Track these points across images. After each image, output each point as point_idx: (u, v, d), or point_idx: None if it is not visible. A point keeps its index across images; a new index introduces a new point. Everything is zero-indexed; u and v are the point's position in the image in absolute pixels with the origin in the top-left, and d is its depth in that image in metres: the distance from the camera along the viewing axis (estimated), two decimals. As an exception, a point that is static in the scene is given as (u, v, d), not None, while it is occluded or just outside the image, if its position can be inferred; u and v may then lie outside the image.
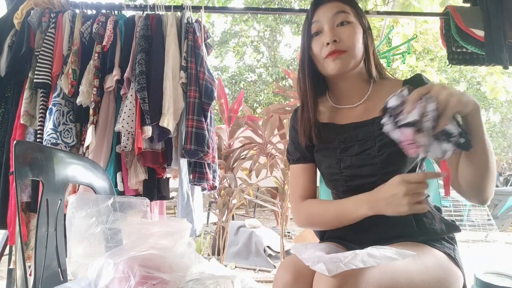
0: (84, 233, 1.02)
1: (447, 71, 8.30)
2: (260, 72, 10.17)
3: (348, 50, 0.87)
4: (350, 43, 0.87)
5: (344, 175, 0.90)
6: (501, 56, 2.11)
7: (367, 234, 0.91)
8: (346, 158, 0.90)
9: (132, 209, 1.13)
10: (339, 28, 0.88)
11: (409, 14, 2.84)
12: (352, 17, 0.89)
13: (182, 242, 1.03)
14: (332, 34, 0.87)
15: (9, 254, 1.78)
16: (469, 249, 3.94)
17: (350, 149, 0.90)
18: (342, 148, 0.91)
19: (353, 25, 0.88)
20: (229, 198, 2.76)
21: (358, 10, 0.93)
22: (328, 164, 0.93)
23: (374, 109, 0.90)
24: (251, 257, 3.18)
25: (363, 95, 0.94)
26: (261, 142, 2.74)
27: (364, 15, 0.95)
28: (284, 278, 0.77)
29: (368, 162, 0.87)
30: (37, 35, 1.76)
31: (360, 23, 0.91)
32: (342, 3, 0.90)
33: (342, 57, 0.87)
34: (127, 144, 1.65)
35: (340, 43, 0.86)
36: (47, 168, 1.06)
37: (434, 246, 0.84)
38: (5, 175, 1.66)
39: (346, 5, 0.90)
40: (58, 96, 1.68)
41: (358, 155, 0.89)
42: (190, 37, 1.78)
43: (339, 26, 0.88)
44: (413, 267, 0.76)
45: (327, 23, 0.88)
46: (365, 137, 0.89)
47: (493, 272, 1.45)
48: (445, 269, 0.81)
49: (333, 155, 0.92)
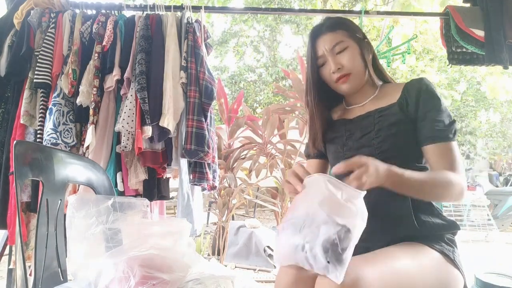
0: (84, 233, 1.02)
1: (447, 71, 8.29)
2: (260, 72, 10.15)
3: (352, 72, 1.01)
4: (351, 66, 1.00)
5: (346, 157, 0.99)
6: (501, 56, 2.11)
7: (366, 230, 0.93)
8: (349, 142, 1.03)
9: (132, 209, 1.13)
10: (339, 56, 1.01)
11: (409, 14, 2.84)
12: (347, 41, 1.01)
13: (182, 242, 1.03)
14: (335, 64, 1.01)
15: (9, 254, 1.77)
16: (469, 249, 3.94)
17: (354, 135, 1.03)
18: (347, 136, 1.04)
19: (349, 49, 1.01)
20: (229, 198, 2.76)
21: (350, 28, 1.03)
22: (334, 149, 1.08)
23: (379, 103, 1.02)
24: (251, 257, 3.17)
25: (371, 96, 1.06)
26: (261, 142, 2.75)
27: (356, 28, 1.05)
28: (285, 279, 0.78)
29: (367, 144, 0.99)
30: (37, 35, 1.76)
31: (355, 40, 1.02)
32: (335, 33, 1.01)
33: (349, 79, 1.01)
34: (127, 144, 1.65)
35: (343, 69, 1.01)
36: (47, 168, 1.05)
37: (433, 247, 0.85)
38: (5, 175, 1.66)
39: (339, 31, 1.02)
40: (58, 96, 1.67)
41: (359, 139, 1.01)
42: (190, 37, 1.78)
43: (338, 54, 1.01)
44: (414, 269, 0.78)
45: (329, 55, 1.02)
46: (366, 124, 1.01)
47: (493, 272, 1.45)
48: (444, 271, 0.83)
49: (340, 142, 1.06)
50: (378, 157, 0.91)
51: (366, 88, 1.06)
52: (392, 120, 0.96)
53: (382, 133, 0.96)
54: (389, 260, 0.77)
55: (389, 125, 0.95)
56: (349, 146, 1.02)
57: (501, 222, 4.71)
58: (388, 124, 0.96)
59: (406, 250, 0.82)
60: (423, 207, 0.93)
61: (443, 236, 0.91)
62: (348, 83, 1.01)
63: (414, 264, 0.79)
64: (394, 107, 0.98)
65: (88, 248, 1.00)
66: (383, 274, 0.72)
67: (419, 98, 0.95)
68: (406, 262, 0.78)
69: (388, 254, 0.80)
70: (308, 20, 8.74)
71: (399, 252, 0.81)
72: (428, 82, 0.98)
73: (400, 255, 0.80)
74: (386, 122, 0.96)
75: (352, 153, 0.99)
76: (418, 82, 0.98)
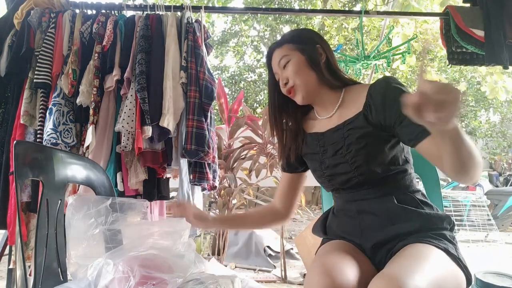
0: (84, 234, 1.02)
1: (447, 71, 8.30)
2: (260, 72, 10.15)
3: (296, 83, 1.00)
4: (294, 78, 1.00)
5: (327, 175, 1.02)
6: (501, 56, 2.11)
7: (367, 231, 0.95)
8: (325, 160, 1.02)
9: (132, 210, 1.13)
10: (285, 70, 1.02)
11: (409, 14, 2.84)
12: (291, 54, 1.01)
13: (181, 242, 1.04)
14: (281, 78, 1.03)
15: (9, 254, 1.77)
16: (469, 249, 3.94)
17: (327, 151, 1.01)
18: (322, 152, 1.03)
19: (292, 61, 1.01)
20: (229, 198, 2.76)
21: (296, 40, 1.03)
22: (314, 168, 1.07)
23: (346, 113, 0.99)
24: (251, 257, 3.17)
25: (336, 104, 1.03)
26: (261, 142, 2.74)
27: (305, 38, 1.04)
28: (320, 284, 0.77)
29: (341, 161, 0.97)
30: (37, 35, 1.76)
31: (300, 51, 1.01)
32: (280, 49, 1.03)
33: (296, 91, 1.02)
34: (127, 144, 1.65)
35: (289, 82, 1.01)
36: (47, 168, 1.06)
37: (439, 246, 0.85)
38: (5, 175, 1.66)
39: (284, 46, 1.03)
40: (58, 96, 1.67)
41: (333, 156, 0.99)
42: (190, 37, 1.78)
43: (284, 68, 1.02)
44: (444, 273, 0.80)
45: (278, 71, 1.04)
46: (337, 139, 0.99)
47: (493, 272, 1.46)
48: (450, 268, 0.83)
49: (317, 159, 1.04)
50: (355, 172, 0.94)
51: (327, 95, 1.03)
52: (360, 132, 0.93)
53: (353, 148, 0.94)
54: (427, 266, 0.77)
55: (358, 138, 0.93)
56: (326, 164, 1.01)
57: (501, 222, 4.71)
58: (357, 137, 0.93)
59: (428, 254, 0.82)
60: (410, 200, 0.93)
61: (445, 234, 0.91)
62: (297, 95, 1.02)
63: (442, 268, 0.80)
64: (360, 118, 0.95)
65: (88, 249, 1.01)
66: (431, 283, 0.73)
67: (384, 103, 0.90)
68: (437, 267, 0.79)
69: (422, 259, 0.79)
70: (308, 20, 8.73)
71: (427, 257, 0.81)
72: (392, 79, 0.93)
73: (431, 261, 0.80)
74: (355, 135, 0.94)
75: (330, 171, 1.00)
76: (380, 84, 0.94)
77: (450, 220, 0.94)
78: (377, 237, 0.92)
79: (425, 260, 0.79)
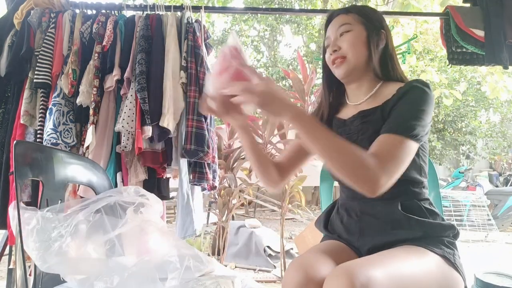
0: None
1: (447, 71, 8.29)
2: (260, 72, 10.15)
3: (347, 55, 0.96)
4: (347, 49, 0.95)
5: None
6: (501, 56, 2.11)
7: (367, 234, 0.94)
8: None
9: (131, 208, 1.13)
10: (340, 38, 0.97)
11: (409, 14, 2.84)
12: (354, 25, 0.97)
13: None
14: (333, 44, 0.98)
15: (9, 254, 1.78)
16: (469, 249, 3.94)
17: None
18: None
19: (353, 33, 0.96)
20: (229, 198, 2.76)
21: (365, 14, 0.99)
22: None
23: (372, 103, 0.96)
24: (251, 257, 3.17)
25: (368, 93, 0.99)
26: (261, 142, 2.74)
27: (375, 17, 1.00)
28: (294, 279, 0.78)
29: None
30: (37, 35, 1.76)
31: (365, 27, 0.97)
32: (346, 15, 0.99)
33: (343, 63, 0.96)
34: (127, 144, 1.65)
35: (340, 51, 0.97)
36: (47, 168, 1.06)
37: (434, 251, 0.84)
38: (5, 175, 1.66)
39: (350, 15, 0.98)
40: (58, 96, 1.68)
41: None
42: (190, 37, 1.78)
43: (341, 36, 0.97)
44: (419, 273, 0.78)
45: (332, 36, 0.99)
46: (353, 130, 0.97)
47: (493, 272, 1.46)
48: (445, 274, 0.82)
49: None
50: None
51: (367, 81, 0.99)
52: (374, 126, 0.90)
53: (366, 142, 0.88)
54: (396, 263, 0.77)
55: (373, 133, 0.88)
56: None
57: (501, 222, 4.71)
58: (371, 131, 0.90)
59: (409, 253, 0.82)
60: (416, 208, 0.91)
61: (443, 240, 0.89)
62: (342, 67, 0.96)
63: (418, 268, 0.78)
64: (377, 112, 0.92)
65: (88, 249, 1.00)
66: (391, 276, 0.72)
67: (403, 96, 0.88)
68: (412, 266, 0.77)
69: (394, 257, 0.79)
70: (308, 20, 8.74)
71: (404, 255, 0.80)
72: (423, 82, 0.89)
73: (405, 258, 0.79)
74: (369, 128, 0.91)
75: None
76: (411, 82, 0.91)
77: (454, 229, 0.92)
78: (374, 241, 0.91)
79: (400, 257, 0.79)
